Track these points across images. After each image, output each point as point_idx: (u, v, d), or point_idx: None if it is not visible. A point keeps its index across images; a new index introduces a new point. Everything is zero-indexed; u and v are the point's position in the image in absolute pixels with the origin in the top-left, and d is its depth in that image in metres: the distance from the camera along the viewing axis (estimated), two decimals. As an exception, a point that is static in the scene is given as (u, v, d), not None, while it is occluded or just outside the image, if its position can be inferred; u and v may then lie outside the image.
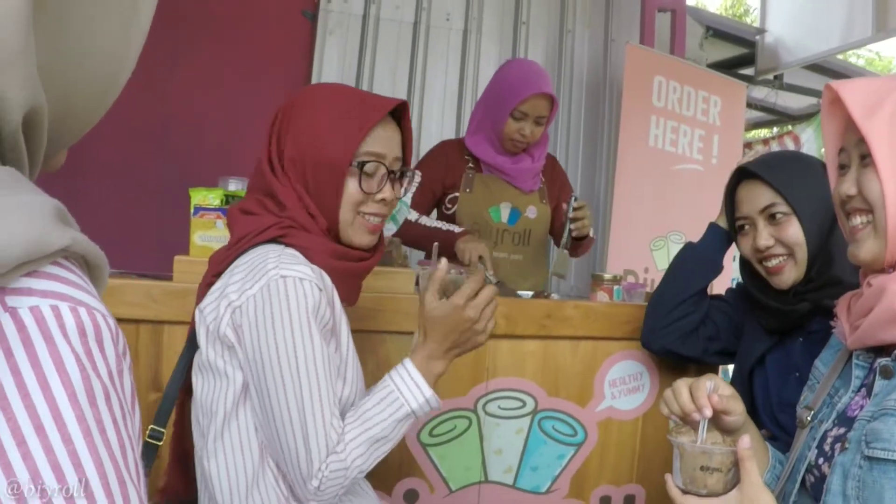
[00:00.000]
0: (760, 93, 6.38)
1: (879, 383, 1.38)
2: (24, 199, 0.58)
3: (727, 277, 4.90)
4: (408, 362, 1.66)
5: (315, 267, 1.58)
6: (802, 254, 1.94)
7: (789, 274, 1.98)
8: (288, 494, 1.59)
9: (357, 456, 1.55)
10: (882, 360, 1.39)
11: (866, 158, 1.36)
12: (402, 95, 4.75)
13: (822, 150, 1.69)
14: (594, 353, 2.54)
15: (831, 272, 1.94)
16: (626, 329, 2.54)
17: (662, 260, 4.66)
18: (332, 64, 4.63)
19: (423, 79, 4.81)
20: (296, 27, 4.65)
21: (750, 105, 6.53)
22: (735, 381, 2.18)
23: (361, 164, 1.66)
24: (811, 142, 6.39)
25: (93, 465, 0.52)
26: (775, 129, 9.38)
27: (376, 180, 1.70)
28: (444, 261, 1.72)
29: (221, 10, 4.50)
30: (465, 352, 1.71)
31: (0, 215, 0.54)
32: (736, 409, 1.61)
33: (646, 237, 4.63)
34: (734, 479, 1.42)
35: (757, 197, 1.98)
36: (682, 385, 1.60)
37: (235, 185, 2.87)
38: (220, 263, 1.66)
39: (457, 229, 3.03)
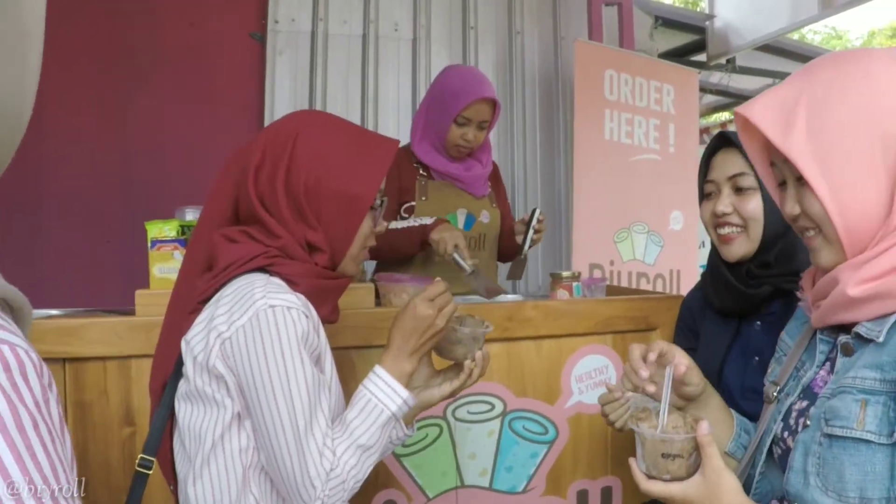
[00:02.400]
0: (715, 77, 6.45)
1: (840, 360, 1.42)
2: None
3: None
4: (378, 369, 1.69)
5: (300, 295, 1.60)
6: (757, 230, 1.97)
7: (739, 247, 2.01)
8: None
9: (351, 468, 1.58)
10: (843, 338, 1.42)
11: (802, 179, 1.37)
12: (356, 107, 4.80)
13: None
14: (558, 351, 2.57)
15: (793, 263, 1.98)
16: (588, 325, 2.57)
17: (627, 251, 4.71)
18: (283, 83, 4.65)
19: (375, 90, 4.83)
20: (245, 50, 4.67)
21: (705, 90, 6.59)
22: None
23: (380, 203, 1.75)
24: (766, 122, 6.45)
25: (27, 488, 0.56)
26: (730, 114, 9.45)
27: (379, 215, 1.78)
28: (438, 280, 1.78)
29: (171, 40, 4.52)
30: (428, 348, 1.76)
31: None
32: (692, 379, 1.66)
33: (609, 230, 4.66)
34: (696, 462, 1.45)
35: (729, 164, 1.99)
36: (636, 348, 1.66)
37: (193, 215, 2.87)
38: (204, 291, 1.67)
39: (428, 221, 3.04)
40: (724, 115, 8.77)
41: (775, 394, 1.58)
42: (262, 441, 1.56)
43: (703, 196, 2.10)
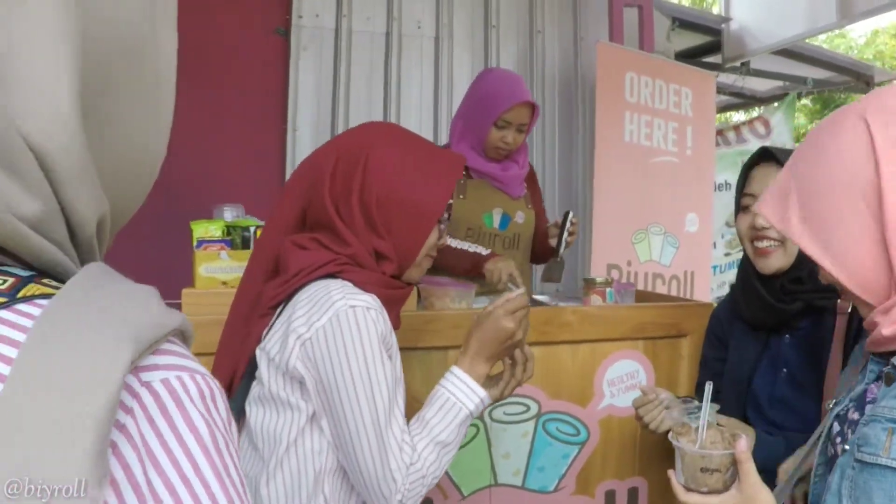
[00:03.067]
0: (728, 78, 6.50)
1: (882, 389, 1.46)
2: (135, 289, 0.68)
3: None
4: (456, 370, 1.77)
5: (375, 297, 1.66)
6: (794, 245, 2.02)
7: (776, 260, 2.06)
8: None
9: (431, 463, 1.65)
10: (888, 368, 1.47)
11: None
12: (378, 104, 4.83)
13: (793, 133, 1.78)
14: (592, 355, 2.64)
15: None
16: (621, 330, 2.64)
17: (644, 252, 4.76)
18: (307, 79, 4.67)
19: (398, 88, 4.86)
20: (269, 45, 4.69)
21: (717, 90, 6.65)
22: (727, 385, 2.25)
23: (447, 217, 1.82)
24: (781, 125, 6.50)
25: (225, 500, 0.62)
26: (743, 113, 9.51)
27: (444, 228, 1.86)
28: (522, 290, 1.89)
29: (193, 36, 4.54)
30: (502, 357, 1.85)
31: (130, 306, 0.64)
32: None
33: (627, 231, 4.72)
34: (733, 476, 1.52)
35: (770, 179, 1.99)
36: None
37: (231, 214, 2.93)
38: (274, 297, 1.73)
39: (483, 251, 3.15)
40: (736, 116, 8.83)
41: (832, 404, 1.64)
42: (341, 438, 1.61)
43: (740, 208, 2.15)
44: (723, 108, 7.92)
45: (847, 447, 1.45)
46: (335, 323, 1.58)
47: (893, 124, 1.35)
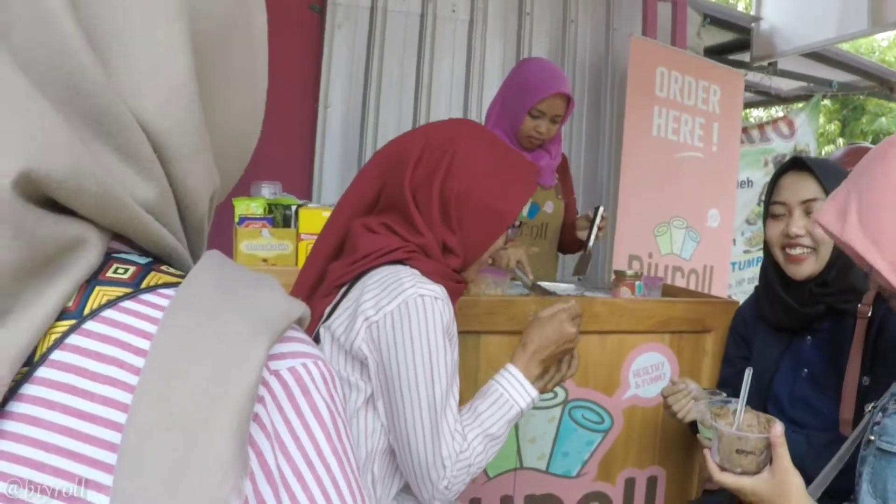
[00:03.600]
0: (755, 77, 6.52)
1: None
2: (259, 278, 0.70)
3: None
4: (512, 368, 1.82)
5: (443, 287, 1.71)
6: (826, 253, 2.09)
7: (808, 267, 2.12)
8: (379, 496, 1.74)
9: (479, 454, 1.70)
10: None
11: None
12: (410, 86, 4.86)
13: (816, 135, 1.85)
14: (620, 346, 2.70)
15: (848, 280, 2.09)
16: (649, 323, 2.70)
17: (665, 245, 4.82)
18: (341, 57, 4.70)
19: (430, 70, 4.89)
20: (304, 22, 4.72)
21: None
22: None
23: (517, 225, 1.87)
24: (804, 126, 6.54)
25: (345, 483, 0.65)
26: (763, 111, 9.52)
27: (513, 235, 1.91)
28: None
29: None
30: (556, 359, 1.91)
31: (259, 296, 0.66)
32: None
33: (650, 223, 4.78)
34: (766, 459, 1.60)
35: (802, 188, 2.10)
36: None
37: (269, 191, 2.97)
38: (341, 277, 1.78)
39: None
40: (756, 112, 8.83)
41: (869, 409, 1.72)
42: (395, 421, 1.67)
43: (770, 215, 2.21)
44: (745, 105, 7.94)
45: (872, 437, 1.55)
46: (404, 309, 1.63)
47: None
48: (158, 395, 0.57)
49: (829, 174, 2.08)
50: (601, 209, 3.24)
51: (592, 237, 3.22)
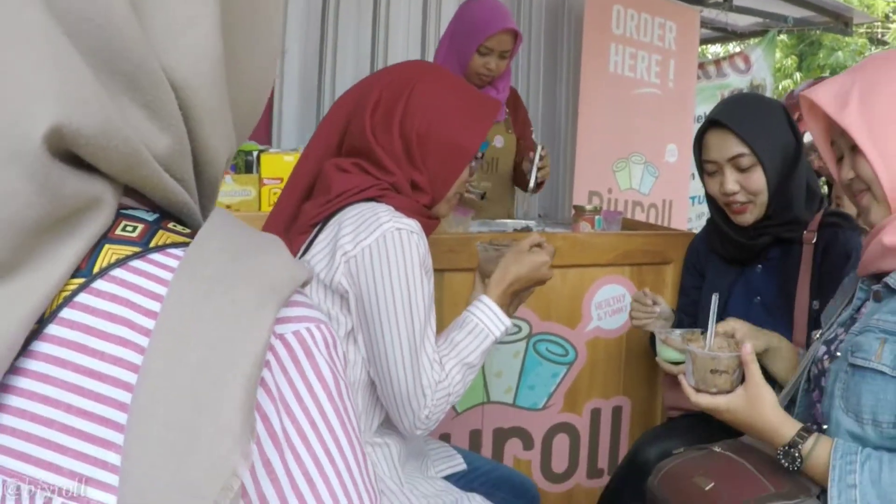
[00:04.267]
0: (710, 13, 6.53)
1: (871, 304, 1.63)
2: (266, 240, 0.69)
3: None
4: (486, 299, 1.85)
5: (417, 222, 1.73)
6: (764, 198, 2.15)
7: (751, 214, 2.19)
8: (363, 431, 1.78)
9: (457, 382, 1.75)
10: (875, 286, 1.63)
11: (855, 148, 1.58)
12: (367, 29, 4.81)
13: (773, 70, 1.88)
14: (581, 280, 2.75)
15: (790, 213, 2.17)
16: (609, 256, 2.75)
17: (624, 180, 4.88)
18: (297, 1, 4.65)
19: (387, 12, 4.83)
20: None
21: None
22: (704, 313, 2.38)
23: (481, 156, 1.88)
24: (760, 61, 6.58)
25: (347, 443, 0.66)
26: (720, 47, 9.54)
27: (476, 167, 1.93)
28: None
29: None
30: (528, 290, 1.96)
31: (267, 259, 0.65)
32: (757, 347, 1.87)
33: (608, 159, 4.83)
34: (739, 378, 1.66)
35: (725, 146, 2.14)
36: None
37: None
38: (316, 216, 1.79)
39: None
40: (713, 48, 8.86)
41: (818, 336, 1.78)
42: (376, 353, 1.70)
43: (704, 171, 2.26)
44: (701, 41, 7.95)
45: (839, 354, 1.61)
46: (381, 243, 1.66)
47: None
48: (168, 360, 0.57)
49: (747, 125, 2.12)
50: (540, 148, 3.25)
51: (533, 177, 3.23)
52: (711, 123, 2.19)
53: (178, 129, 0.67)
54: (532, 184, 3.20)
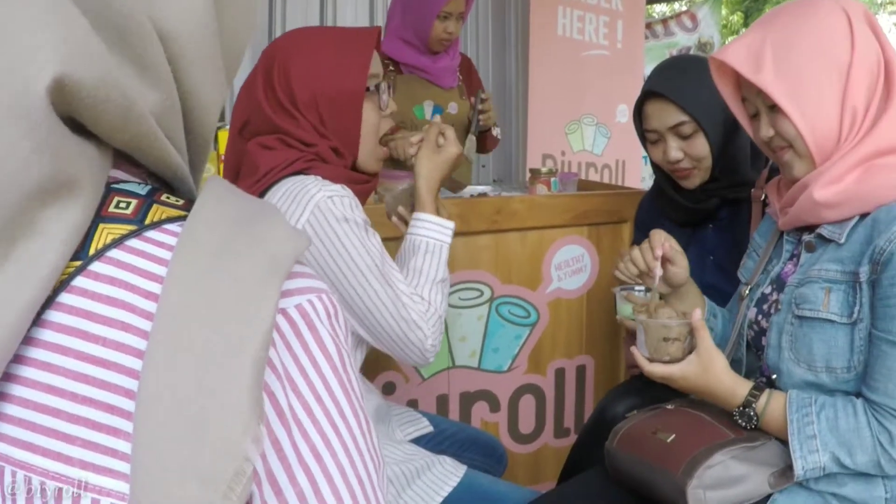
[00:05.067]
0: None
1: (804, 256, 1.66)
2: (264, 210, 0.67)
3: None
4: (422, 215, 1.86)
5: (345, 186, 1.72)
6: (708, 162, 2.16)
7: (696, 178, 2.20)
8: None
9: (440, 302, 1.78)
10: (806, 237, 1.66)
11: (774, 107, 1.60)
12: None
13: (720, 27, 1.88)
14: (540, 242, 2.77)
15: (736, 174, 2.19)
16: (567, 217, 2.77)
17: (577, 142, 4.91)
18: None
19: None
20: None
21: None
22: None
23: (376, 87, 1.83)
24: (707, 18, 6.63)
25: (352, 413, 0.66)
26: (666, 6, 9.58)
27: (384, 98, 1.87)
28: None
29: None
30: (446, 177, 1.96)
31: (266, 233, 0.64)
32: (681, 262, 1.91)
33: (560, 122, 4.85)
34: (691, 345, 1.68)
35: (665, 115, 2.14)
36: (636, 249, 1.90)
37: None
38: None
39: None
40: (659, 8, 8.89)
41: (747, 291, 1.82)
42: (359, 314, 1.71)
43: (647, 141, 2.27)
44: (648, 1, 7.98)
45: (781, 307, 1.64)
46: (318, 214, 1.64)
47: (865, 20, 1.57)
48: (173, 345, 0.57)
49: (684, 92, 2.12)
50: (480, 92, 3.30)
51: (475, 122, 3.26)
52: (649, 94, 2.19)
53: (167, 83, 0.66)
54: (473, 128, 3.24)
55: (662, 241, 1.88)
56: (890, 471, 1.49)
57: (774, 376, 1.65)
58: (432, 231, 1.84)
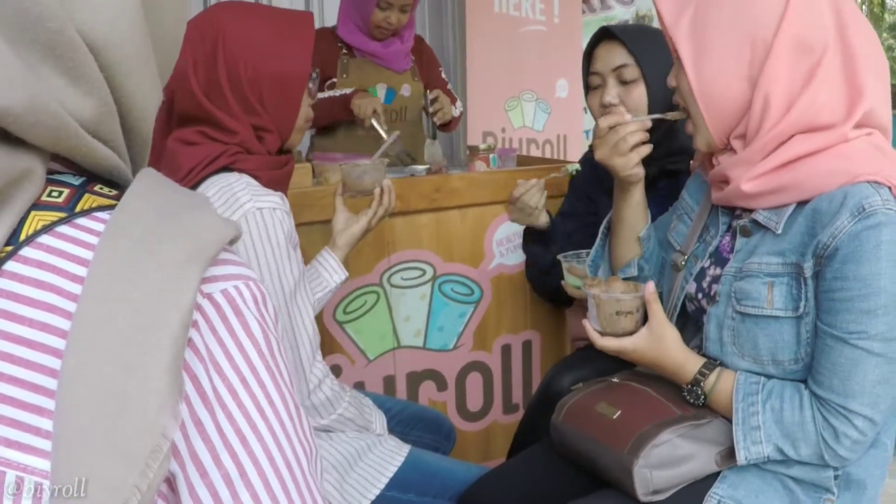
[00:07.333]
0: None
1: (740, 241, 1.62)
2: (193, 200, 0.70)
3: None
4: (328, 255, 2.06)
5: (280, 194, 1.70)
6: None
7: None
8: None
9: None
10: (741, 221, 1.63)
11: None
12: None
13: None
14: (480, 218, 2.77)
15: (675, 142, 2.17)
16: (506, 193, 2.74)
17: (517, 119, 4.91)
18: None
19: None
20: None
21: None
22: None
23: (315, 76, 1.83)
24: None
25: (279, 399, 0.67)
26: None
27: (313, 87, 1.87)
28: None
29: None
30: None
31: (193, 220, 0.66)
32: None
33: (500, 99, 4.85)
34: (642, 318, 1.67)
35: (612, 56, 2.12)
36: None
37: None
38: None
39: (348, 91, 3.26)
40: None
41: (683, 262, 1.79)
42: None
43: (589, 87, 2.24)
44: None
45: (719, 299, 1.62)
46: (244, 226, 1.62)
47: (806, 5, 1.48)
48: (96, 325, 0.58)
49: (636, 39, 2.12)
50: (429, 93, 3.39)
51: (429, 121, 3.38)
52: (602, 35, 2.18)
53: (101, 90, 0.67)
54: (431, 128, 3.35)
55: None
56: (833, 464, 1.49)
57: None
58: (336, 273, 2.00)
